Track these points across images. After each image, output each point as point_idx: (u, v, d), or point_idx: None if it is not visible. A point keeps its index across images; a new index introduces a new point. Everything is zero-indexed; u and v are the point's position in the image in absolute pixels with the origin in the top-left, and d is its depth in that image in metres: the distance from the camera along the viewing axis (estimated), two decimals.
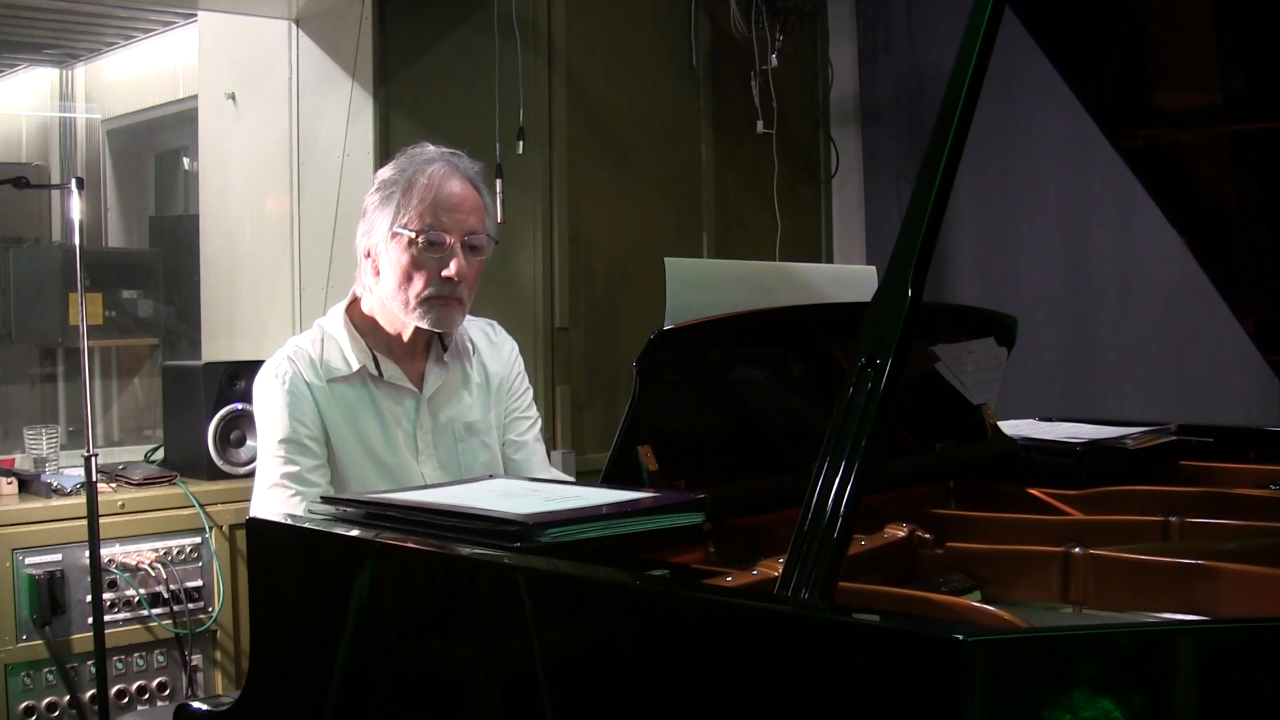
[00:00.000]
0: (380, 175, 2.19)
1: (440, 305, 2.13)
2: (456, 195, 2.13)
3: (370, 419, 2.16)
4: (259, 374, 2.18)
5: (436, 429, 2.21)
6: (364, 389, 2.17)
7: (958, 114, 1.34)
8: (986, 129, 3.77)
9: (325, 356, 2.16)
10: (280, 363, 2.15)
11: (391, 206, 2.12)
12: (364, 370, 2.17)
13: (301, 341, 2.19)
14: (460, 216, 2.12)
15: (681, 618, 1.20)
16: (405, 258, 2.11)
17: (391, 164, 2.19)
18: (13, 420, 4.74)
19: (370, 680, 1.50)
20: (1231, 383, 3.53)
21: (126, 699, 3.03)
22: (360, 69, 3.94)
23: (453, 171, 2.14)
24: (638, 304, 3.79)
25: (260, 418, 2.16)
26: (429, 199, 2.10)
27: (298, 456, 2.10)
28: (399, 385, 2.19)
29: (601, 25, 3.81)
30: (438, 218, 2.10)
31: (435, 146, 2.21)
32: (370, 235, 2.16)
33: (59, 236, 5.45)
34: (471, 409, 2.26)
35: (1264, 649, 1.05)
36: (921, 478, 2.05)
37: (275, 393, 2.13)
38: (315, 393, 2.13)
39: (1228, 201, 2.09)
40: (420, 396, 2.20)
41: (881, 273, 1.33)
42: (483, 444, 2.25)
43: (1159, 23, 1.86)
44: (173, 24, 5.18)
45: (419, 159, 2.16)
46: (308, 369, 2.14)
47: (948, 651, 0.99)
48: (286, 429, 2.10)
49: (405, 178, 2.13)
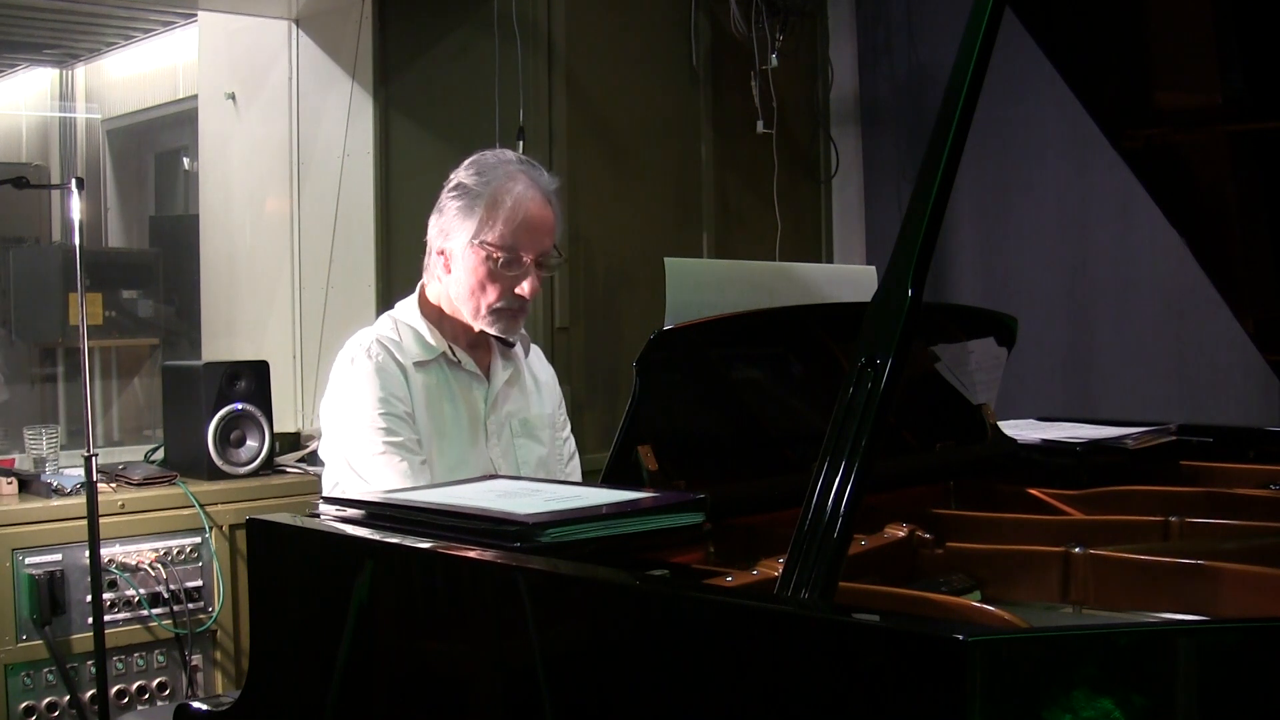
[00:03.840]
0: (459, 177, 2.20)
1: (509, 317, 2.19)
2: (538, 218, 2.17)
3: (446, 403, 2.20)
4: (340, 359, 2.19)
5: (499, 421, 2.25)
6: (441, 373, 2.21)
7: (958, 114, 1.34)
8: (986, 129, 3.77)
9: (405, 343, 2.20)
10: (368, 343, 2.17)
11: (474, 218, 2.15)
12: (443, 355, 2.21)
13: (380, 329, 2.22)
14: (539, 237, 2.17)
15: (681, 618, 1.20)
16: (483, 270, 2.15)
17: (471, 168, 2.20)
18: (13, 420, 4.74)
19: (370, 680, 1.50)
20: (1231, 383, 3.53)
21: (126, 699, 3.03)
22: (360, 69, 3.94)
23: (536, 192, 2.17)
24: (638, 304, 3.79)
25: (347, 396, 2.15)
26: (514, 221, 2.14)
27: (400, 427, 2.12)
28: (472, 372, 2.24)
29: (601, 25, 3.81)
30: (519, 239, 2.14)
31: (515, 155, 2.24)
32: (448, 238, 2.19)
33: (59, 236, 5.45)
34: (528, 406, 2.31)
35: (1264, 649, 1.05)
36: (921, 478, 2.05)
37: (366, 370, 2.13)
38: (405, 372, 2.16)
39: (1228, 201, 2.09)
40: (489, 386, 2.25)
41: (881, 273, 1.33)
42: (537, 440, 2.30)
43: (1159, 23, 1.86)
44: (173, 24, 5.19)
45: (502, 171, 2.18)
46: (396, 350, 2.17)
47: (948, 651, 0.99)
48: (385, 403, 2.12)
49: (490, 191, 2.15)
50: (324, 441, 2.21)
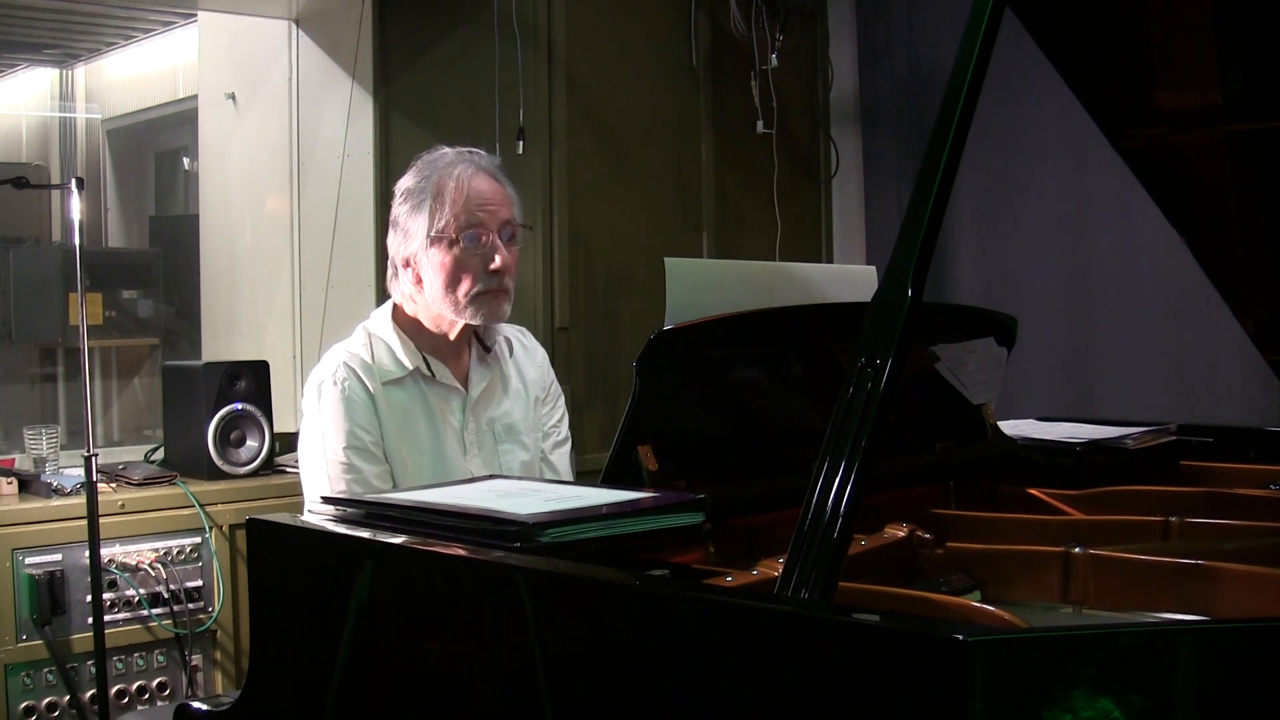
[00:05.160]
0: (403, 185, 2.21)
1: (490, 299, 2.17)
2: (486, 191, 2.17)
3: (421, 419, 2.18)
4: (309, 384, 2.18)
5: (479, 429, 2.24)
6: (415, 389, 2.19)
7: (958, 114, 1.34)
8: (986, 129, 3.76)
9: (377, 359, 2.18)
10: (335, 369, 2.15)
11: (424, 214, 2.15)
12: (416, 371, 2.19)
13: (351, 346, 2.20)
14: (494, 209, 2.17)
15: (681, 618, 1.20)
16: (449, 260, 2.14)
17: (411, 173, 2.21)
18: (13, 420, 4.74)
19: (370, 680, 1.50)
20: (1231, 383, 3.53)
21: (126, 699, 3.03)
22: (360, 69, 3.94)
23: (477, 169, 2.19)
24: (638, 304, 3.78)
25: (315, 428, 2.14)
26: (461, 199, 2.14)
27: (363, 464, 2.10)
28: (448, 385, 2.22)
29: (601, 25, 3.81)
30: (473, 215, 2.14)
31: (451, 148, 2.24)
32: (407, 244, 2.18)
33: (59, 236, 5.46)
34: (511, 411, 2.29)
35: (1264, 649, 1.05)
36: (921, 478, 2.05)
37: (331, 400, 2.12)
38: (372, 398, 2.14)
39: (1228, 201, 2.09)
40: (467, 396, 2.23)
41: (881, 273, 1.33)
42: (521, 445, 2.28)
43: (1159, 23, 1.86)
44: (173, 24, 5.19)
45: (440, 164, 2.19)
46: (364, 373, 2.15)
47: (948, 651, 0.99)
48: (350, 436, 2.11)
49: (432, 184, 2.16)
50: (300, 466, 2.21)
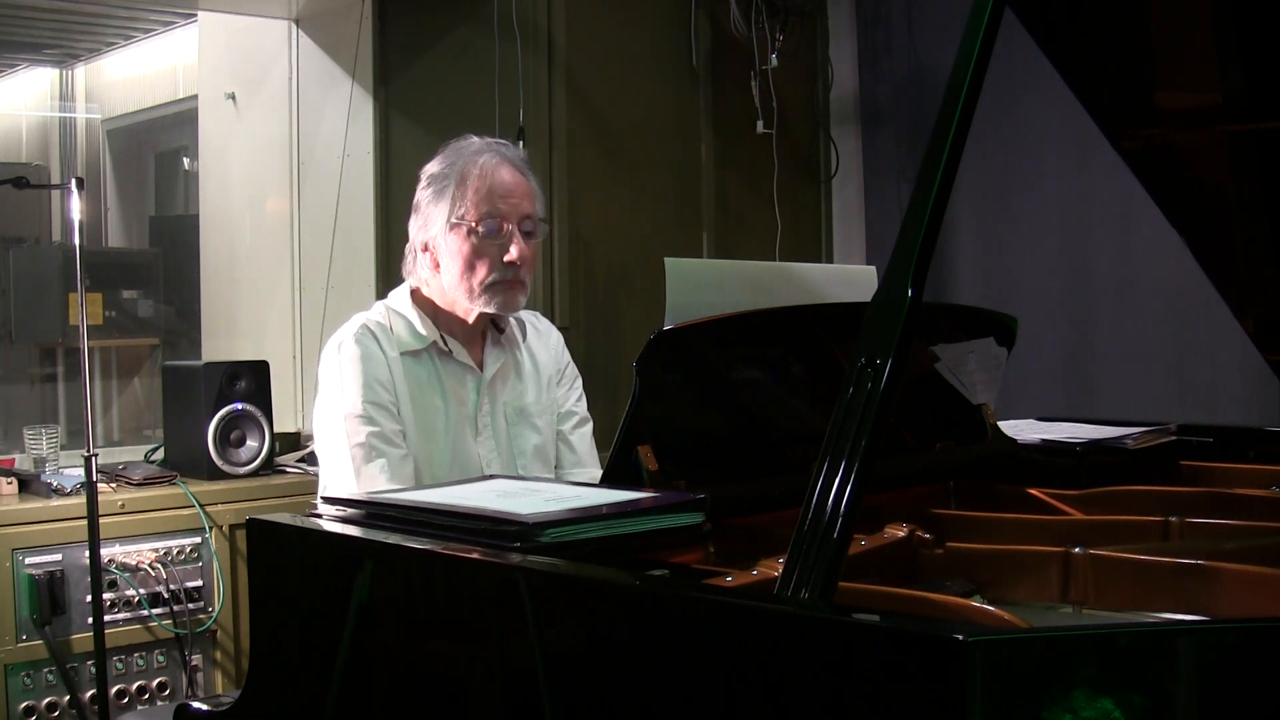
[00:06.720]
0: (428, 170, 2.23)
1: (505, 289, 2.18)
2: (509, 182, 2.19)
3: (435, 396, 2.20)
4: (328, 346, 2.19)
5: (493, 411, 2.25)
6: (431, 365, 2.21)
7: (958, 114, 1.34)
8: (986, 129, 3.76)
9: (395, 331, 2.20)
10: (355, 330, 2.17)
11: (446, 199, 2.17)
12: (434, 345, 2.21)
13: (371, 316, 2.23)
14: (515, 202, 2.19)
15: (681, 618, 1.20)
16: (466, 247, 2.16)
17: (438, 158, 2.23)
18: (13, 420, 4.74)
19: (370, 680, 1.50)
20: (1231, 383, 3.53)
21: (126, 699, 3.03)
22: (360, 69, 3.94)
23: (502, 160, 2.20)
24: (638, 304, 3.78)
25: (332, 386, 2.15)
26: (484, 189, 2.16)
27: (381, 419, 2.12)
28: (464, 363, 2.24)
29: (601, 25, 3.81)
30: (494, 205, 2.16)
31: (480, 137, 2.25)
32: (427, 229, 2.20)
33: (59, 236, 5.45)
34: (524, 394, 2.31)
35: (1264, 649, 1.05)
36: (921, 478, 2.05)
37: (352, 355, 2.14)
38: (390, 365, 2.16)
39: (1228, 201, 2.09)
40: (481, 377, 2.25)
41: (881, 273, 1.33)
42: (533, 428, 2.30)
43: (1159, 23, 1.86)
44: (173, 24, 5.19)
45: (467, 151, 2.21)
46: (383, 339, 2.18)
47: (948, 651, 0.99)
48: (368, 390, 2.12)
49: (457, 170, 2.18)
50: (315, 430, 2.21)
